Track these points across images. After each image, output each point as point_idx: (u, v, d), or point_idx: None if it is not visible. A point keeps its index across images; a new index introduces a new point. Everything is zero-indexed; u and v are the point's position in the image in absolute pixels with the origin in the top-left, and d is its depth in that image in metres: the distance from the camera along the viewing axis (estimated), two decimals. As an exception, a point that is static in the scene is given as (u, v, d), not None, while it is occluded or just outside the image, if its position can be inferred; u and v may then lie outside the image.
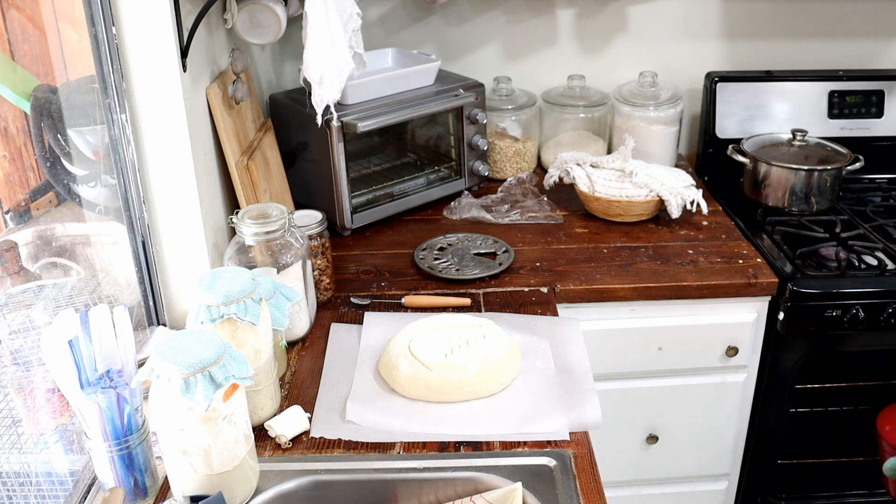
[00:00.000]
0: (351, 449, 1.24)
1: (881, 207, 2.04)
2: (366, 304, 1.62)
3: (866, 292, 1.67)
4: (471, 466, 1.19)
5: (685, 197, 1.88)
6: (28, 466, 1.18)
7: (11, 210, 1.39)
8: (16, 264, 1.37)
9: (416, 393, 1.33)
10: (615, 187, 1.89)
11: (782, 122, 2.16)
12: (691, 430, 1.85)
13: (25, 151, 1.40)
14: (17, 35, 1.40)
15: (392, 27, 2.18)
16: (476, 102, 1.93)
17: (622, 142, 1.99)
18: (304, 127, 1.81)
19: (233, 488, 1.10)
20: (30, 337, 1.22)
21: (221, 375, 1.03)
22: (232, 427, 1.07)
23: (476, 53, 2.22)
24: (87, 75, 1.36)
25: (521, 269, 1.73)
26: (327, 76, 1.53)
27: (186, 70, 1.39)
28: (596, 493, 1.15)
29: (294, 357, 1.47)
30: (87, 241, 1.49)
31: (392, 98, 1.86)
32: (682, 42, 2.23)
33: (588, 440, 1.25)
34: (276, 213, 1.43)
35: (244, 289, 1.20)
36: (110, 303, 1.33)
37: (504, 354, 1.37)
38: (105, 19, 1.28)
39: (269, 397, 1.29)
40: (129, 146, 1.36)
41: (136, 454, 1.12)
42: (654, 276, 1.69)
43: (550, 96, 2.19)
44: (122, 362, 1.10)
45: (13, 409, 1.22)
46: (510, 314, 1.57)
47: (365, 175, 2.00)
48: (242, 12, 1.57)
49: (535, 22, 2.19)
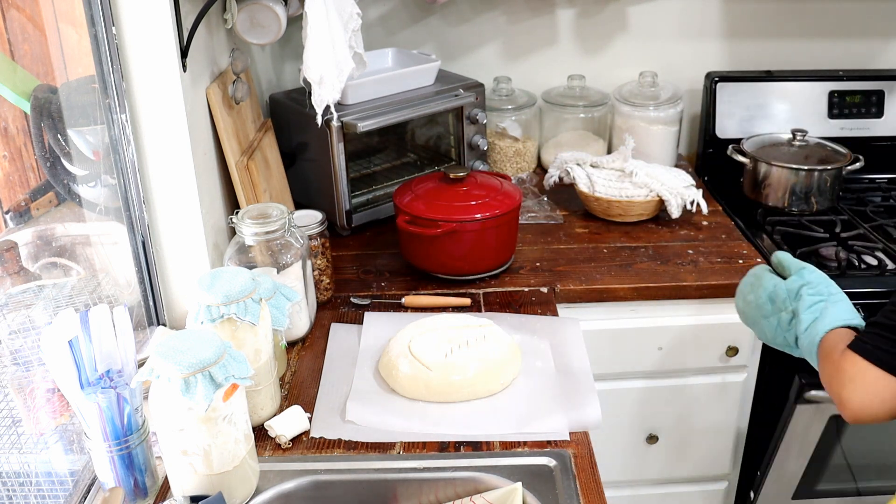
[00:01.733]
0: (351, 449, 1.24)
1: (881, 207, 2.04)
2: (366, 304, 1.62)
3: (866, 292, 1.67)
4: (471, 466, 1.19)
5: (685, 197, 1.88)
6: (28, 466, 1.18)
7: (11, 210, 1.39)
8: (16, 264, 1.37)
9: (416, 393, 1.33)
10: (615, 187, 1.89)
11: (782, 122, 2.16)
12: (691, 430, 1.85)
13: (25, 151, 1.40)
14: (17, 35, 1.40)
15: (392, 27, 2.18)
16: (476, 102, 1.93)
17: (622, 142, 1.99)
18: (304, 127, 1.81)
19: (233, 488, 1.10)
20: (30, 337, 1.22)
21: (221, 375, 1.03)
22: (232, 427, 1.07)
23: (476, 53, 2.22)
24: (87, 75, 1.36)
25: (521, 269, 1.73)
26: (327, 76, 1.53)
27: (186, 70, 1.39)
28: (596, 493, 1.15)
29: (294, 357, 1.47)
30: (87, 241, 1.49)
31: (392, 98, 1.86)
32: (682, 42, 2.23)
33: (588, 440, 1.25)
34: (276, 213, 1.43)
35: (244, 289, 1.21)
36: (110, 303, 1.33)
37: (504, 354, 1.37)
38: (105, 19, 1.28)
39: (269, 397, 1.29)
40: (129, 146, 1.36)
41: (136, 454, 1.12)
42: (654, 276, 1.69)
43: (550, 96, 2.19)
44: (122, 362, 1.10)
45: (13, 409, 1.22)
46: (510, 314, 1.57)
47: (365, 175, 2.00)
48: (242, 12, 1.57)
49: (535, 22, 2.19)
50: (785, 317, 1.29)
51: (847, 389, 1.10)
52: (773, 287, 1.31)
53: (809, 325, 1.23)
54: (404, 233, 1.67)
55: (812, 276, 1.29)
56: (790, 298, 1.28)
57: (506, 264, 1.74)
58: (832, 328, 1.20)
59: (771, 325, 1.31)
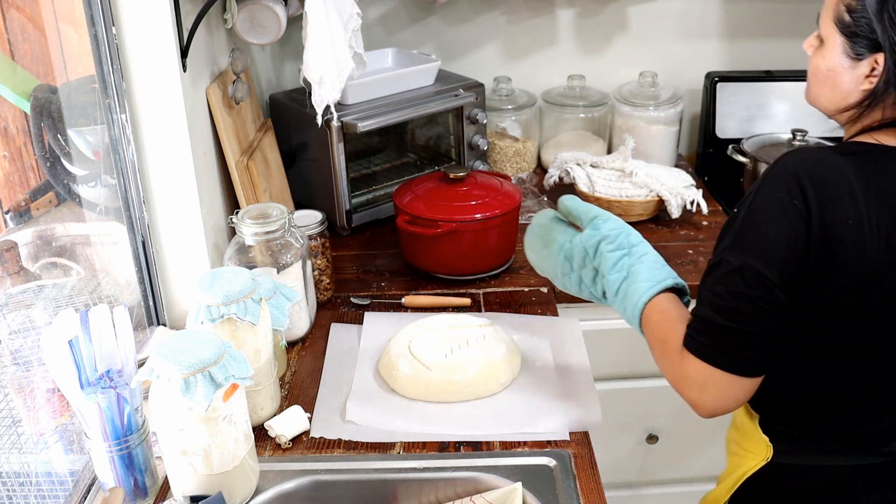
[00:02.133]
0: (351, 449, 1.24)
1: (881, 207, 2.04)
2: (366, 304, 1.62)
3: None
4: (471, 466, 1.19)
5: (685, 197, 1.88)
6: (28, 466, 1.18)
7: (11, 210, 1.39)
8: (16, 264, 1.37)
9: (416, 393, 1.33)
10: (615, 187, 1.89)
11: (782, 122, 2.16)
12: (691, 430, 1.85)
13: (25, 151, 1.40)
14: (17, 35, 1.40)
15: (392, 27, 2.18)
16: (476, 102, 1.93)
17: (622, 142, 1.99)
18: (304, 127, 1.81)
19: (233, 488, 1.10)
20: (30, 337, 1.22)
21: (221, 375, 1.03)
22: (232, 427, 1.07)
23: (476, 53, 2.22)
24: (87, 75, 1.36)
25: (521, 269, 1.73)
26: (327, 76, 1.53)
27: (186, 70, 1.39)
28: (596, 493, 1.15)
29: (294, 357, 1.47)
30: (87, 241, 1.49)
31: (392, 98, 1.86)
32: (682, 42, 2.23)
33: (588, 440, 1.25)
34: (276, 213, 1.43)
35: (244, 289, 1.21)
36: (110, 303, 1.33)
37: (504, 354, 1.37)
38: (105, 19, 1.28)
39: (269, 397, 1.29)
40: (129, 146, 1.36)
41: (136, 454, 1.12)
42: (654, 276, 1.69)
43: (550, 96, 2.19)
44: (122, 362, 1.10)
45: (13, 409, 1.22)
46: (510, 314, 1.57)
47: (365, 175, 2.00)
48: (242, 12, 1.58)
49: (535, 22, 2.19)
50: (588, 273, 1.21)
51: (696, 393, 1.06)
52: (567, 244, 1.23)
53: (619, 288, 1.16)
54: (404, 233, 1.67)
55: (608, 228, 1.20)
56: (589, 256, 1.20)
57: (506, 264, 1.74)
58: (650, 297, 1.14)
59: (573, 282, 1.24)
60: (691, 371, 1.05)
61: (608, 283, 1.18)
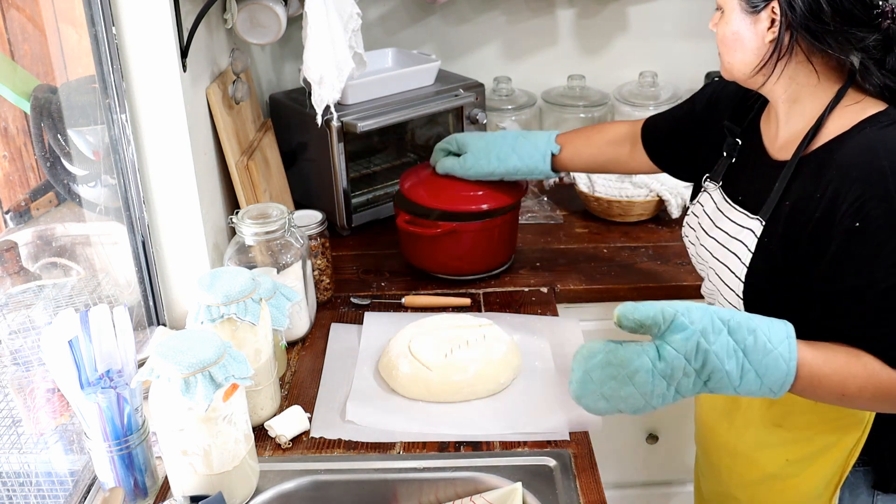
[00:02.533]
0: (351, 449, 1.24)
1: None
2: (366, 304, 1.62)
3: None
4: (471, 466, 1.19)
5: (685, 196, 1.88)
6: (28, 466, 1.18)
7: (11, 210, 1.39)
8: (16, 264, 1.37)
9: (416, 393, 1.33)
10: (615, 187, 1.89)
11: (782, 122, 2.16)
12: (691, 430, 1.84)
13: (25, 151, 1.40)
14: (17, 35, 1.40)
15: (392, 27, 2.18)
16: (476, 102, 1.93)
17: (622, 142, 1.99)
18: (304, 127, 1.81)
19: (233, 488, 1.10)
20: (30, 337, 1.22)
21: (221, 375, 1.03)
22: (232, 427, 1.07)
23: (476, 53, 2.22)
24: (87, 75, 1.36)
25: (522, 269, 1.73)
26: (327, 76, 1.53)
27: (186, 70, 1.39)
28: (596, 493, 1.15)
29: (294, 357, 1.47)
30: (87, 241, 1.49)
31: (392, 98, 1.86)
32: (682, 42, 2.23)
33: (588, 440, 1.25)
34: (276, 213, 1.43)
35: (244, 289, 1.21)
36: (110, 303, 1.33)
37: (504, 354, 1.37)
38: (105, 19, 1.28)
39: (269, 397, 1.29)
40: (129, 146, 1.36)
41: (136, 454, 1.12)
42: (654, 276, 1.69)
43: (550, 96, 2.19)
44: (122, 362, 1.10)
45: (13, 409, 1.22)
46: (510, 314, 1.57)
47: (365, 175, 2.00)
48: (242, 12, 1.58)
49: (535, 22, 2.19)
50: (686, 381, 1.02)
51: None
52: (656, 364, 1.02)
53: (743, 372, 1.01)
54: (404, 233, 1.67)
55: (697, 318, 1.01)
56: (690, 362, 1.01)
57: (506, 264, 1.74)
58: (797, 361, 1.02)
59: (670, 398, 1.04)
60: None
61: (727, 374, 1.01)
